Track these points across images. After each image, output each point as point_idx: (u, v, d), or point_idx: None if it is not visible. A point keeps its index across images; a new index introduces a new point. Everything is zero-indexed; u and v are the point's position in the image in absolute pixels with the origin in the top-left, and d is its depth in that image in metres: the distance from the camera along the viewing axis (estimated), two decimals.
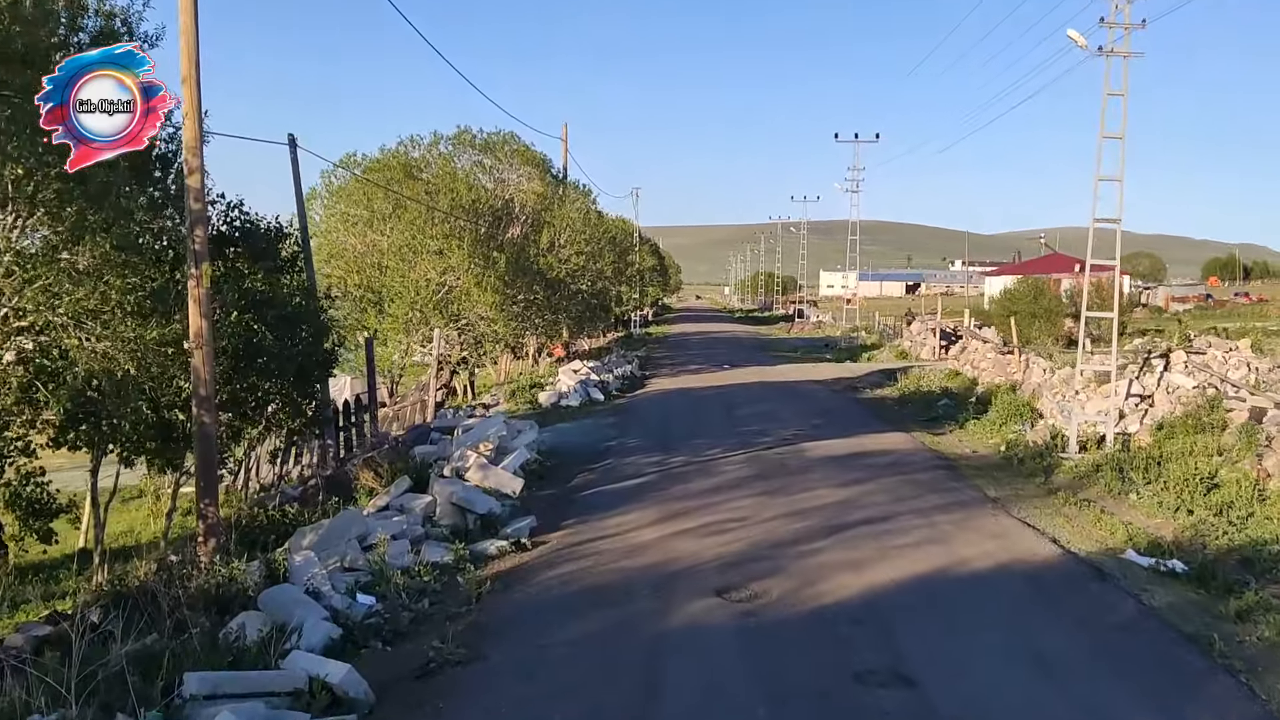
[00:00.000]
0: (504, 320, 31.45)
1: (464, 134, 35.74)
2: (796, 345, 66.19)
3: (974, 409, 27.23)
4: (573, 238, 35.23)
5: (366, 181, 31.65)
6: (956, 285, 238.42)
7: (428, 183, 33.34)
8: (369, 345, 23.14)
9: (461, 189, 32.79)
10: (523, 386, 31.83)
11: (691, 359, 49.41)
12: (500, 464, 17.16)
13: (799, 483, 17.56)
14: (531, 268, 33.71)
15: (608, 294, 40.42)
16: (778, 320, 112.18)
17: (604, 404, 30.21)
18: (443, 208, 31.77)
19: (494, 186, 36.60)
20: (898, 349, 48.92)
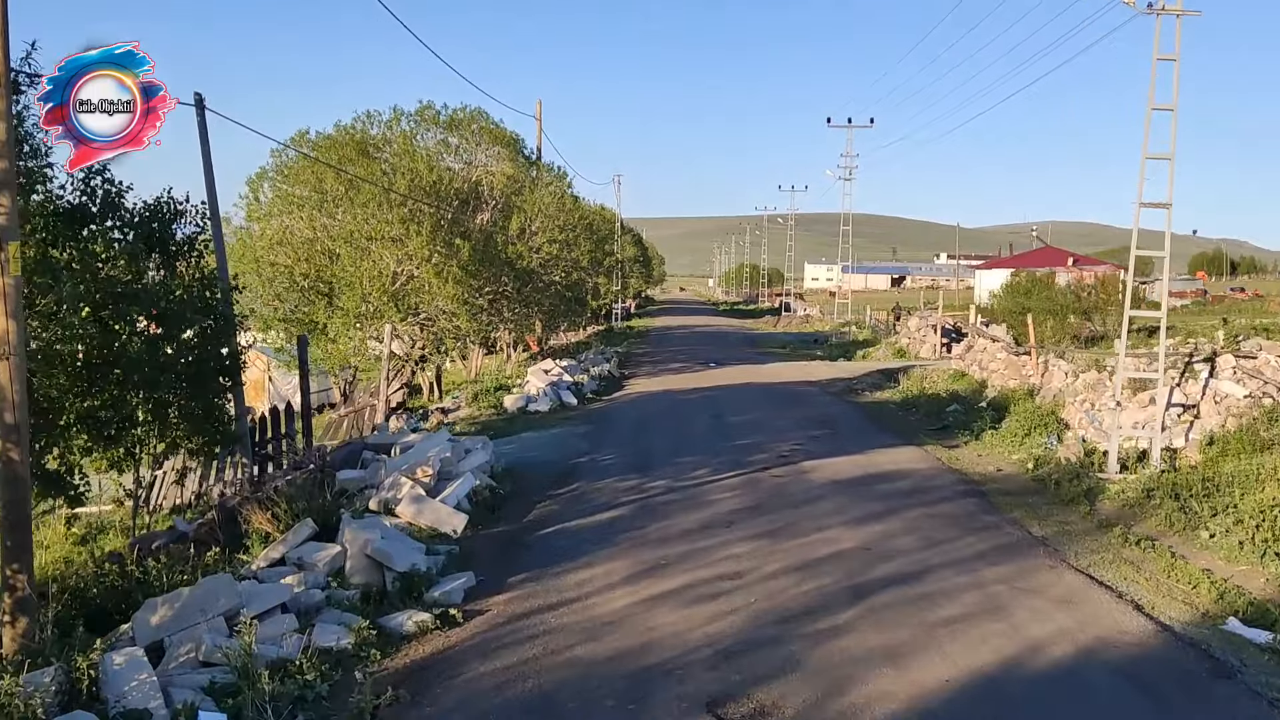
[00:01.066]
0: (467, 314, 28.28)
1: (427, 109, 32.54)
2: (785, 340, 63.17)
3: (989, 417, 24.33)
4: (545, 224, 32.05)
5: (315, 160, 28.41)
6: (943, 279, 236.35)
7: (386, 162, 30.11)
8: (301, 345, 19.92)
9: (422, 169, 29.57)
10: (487, 389, 28.67)
11: (675, 356, 46.31)
12: (441, 494, 14.04)
13: (806, 518, 14.44)
14: (499, 257, 30.53)
15: (584, 285, 37.18)
16: (764, 313, 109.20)
17: (577, 409, 27.09)
18: (400, 189, 28.55)
19: (461, 168, 33.42)
20: (895, 346, 45.92)
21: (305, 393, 19.79)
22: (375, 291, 27.31)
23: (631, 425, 24.17)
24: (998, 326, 35.22)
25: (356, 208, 28.10)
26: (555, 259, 32.56)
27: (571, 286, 34.62)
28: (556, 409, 26.83)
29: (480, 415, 26.17)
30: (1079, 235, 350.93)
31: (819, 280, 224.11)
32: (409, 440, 16.35)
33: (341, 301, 27.47)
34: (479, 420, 25.67)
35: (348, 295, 27.27)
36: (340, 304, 27.52)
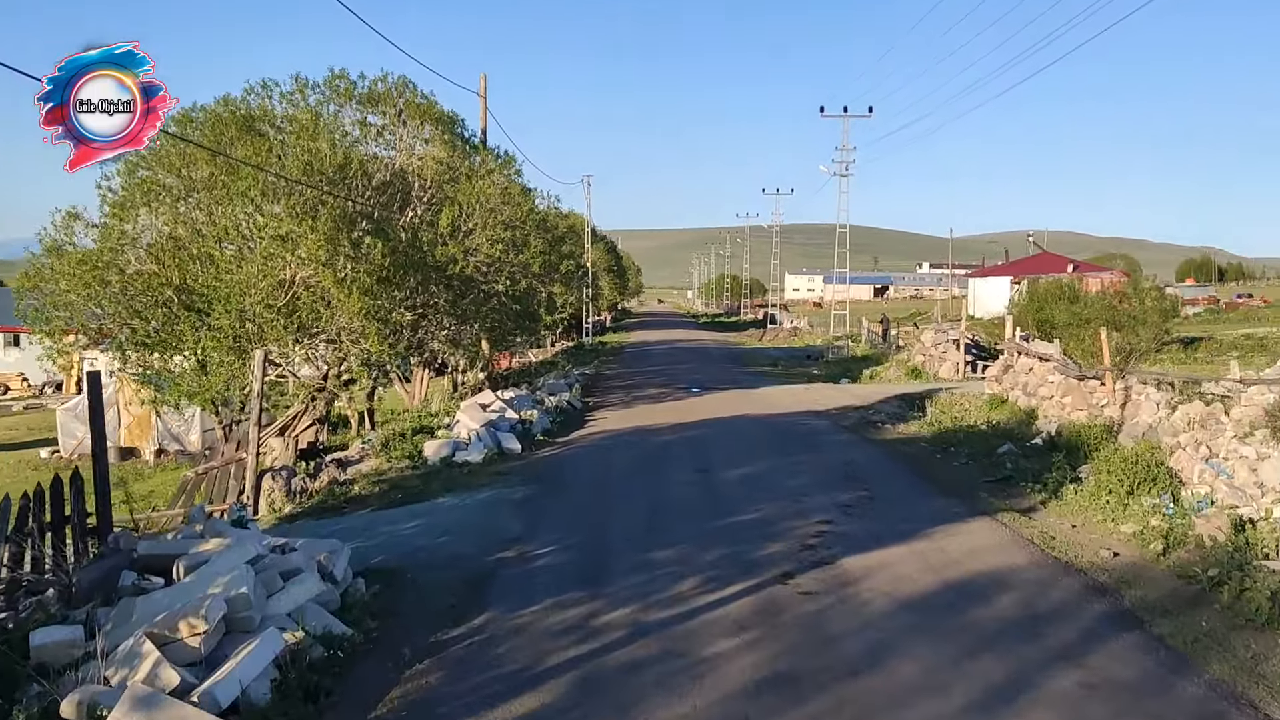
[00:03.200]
0: (378, 334, 21.73)
1: (338, 79, 25.93)
2: (775, 357, 56.91)
3: (1060, 462, 18.39)
4: (486, 220, 25.55)
5: (175, 138, 21.83)
6: (926, 288, 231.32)
7: (276, 142, 23.57)
8: (93, 383, 13.19)
9: (324, 148, 23.02)
10: (403, 432, 22.09)
11: (652, 378, 39.84)
12: (213, 677, 7.54)
13: (882, 711, 7.96)
14: (425, 261, 23.98)
15: (535, 296, 30.56)
16: (747, 326, 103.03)
17: (520, 458, 20.62)
18: (291, 173, 22.01)
19: (386, 155, 26.89)
20: (907, 365, 39.58)
21: (99, 453, 13.20)
22: (257, 306, 20.79)
23: (588, 487, 17.64)
24: (1044, 342, 28.90)
25: (234, 197, 21.57)
26: (498, 263, 26.03)
27: (519, 298, 28.01)
28: (493, 458, 20.34)
29: (389, 470, 19.64)
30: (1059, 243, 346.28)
31: (800, 291, 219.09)
32: (201, 552, 9.73)
33: (215, 319, 20.89)
34: (386, 477, 19.15)
35: (221, 310, 20.73)
36: (213, 322, 20.94)
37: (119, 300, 21.84)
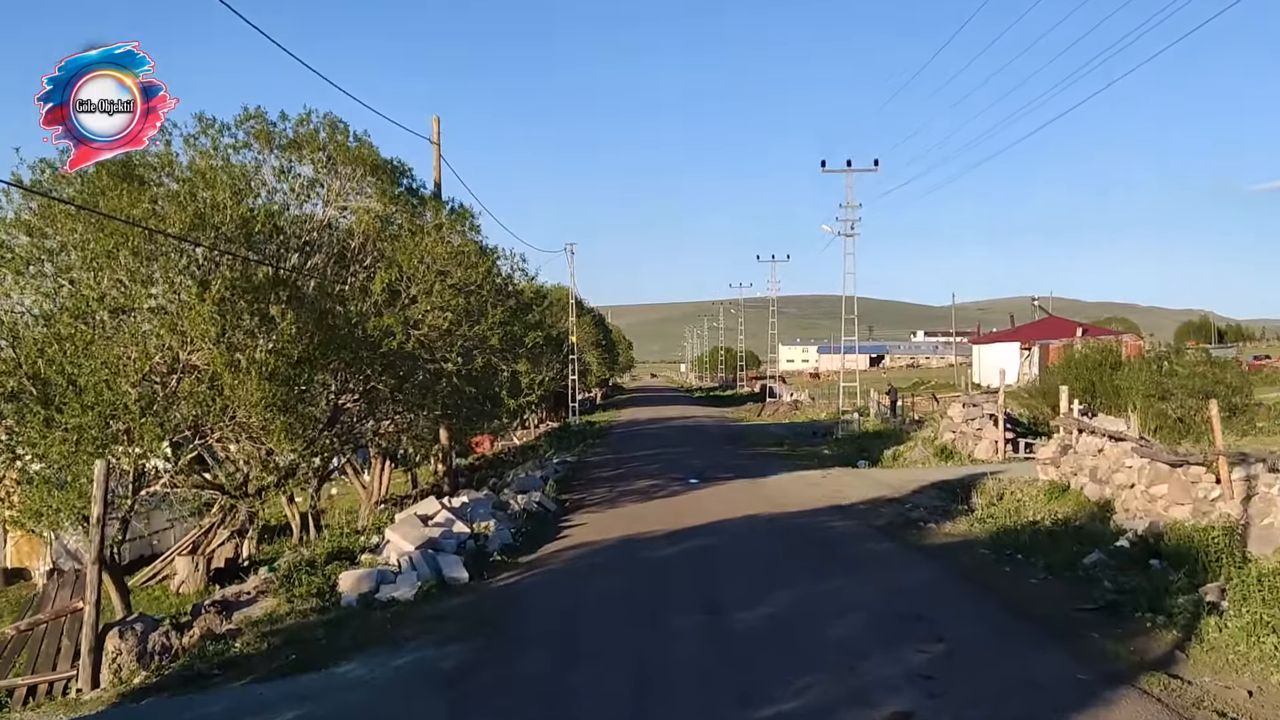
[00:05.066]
0: (286, 431, 16.82)
1: (250, 117, 21.26)
2: (779, 434, 52.01)
3: (1177, 581, 14.05)
4: (432, 284, 20.74)
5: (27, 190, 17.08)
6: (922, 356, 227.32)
7: (167, 191, 18.84)
8: None
9: (223, 198, 18.27)
10: (311, 560, 17.02)
11: (643, 466, 34.81)
12: None
13: None
14: (353, 335, 19.12)
15: (495, 376, 25.56)
16: (744, 400, 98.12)
17: (465, 593, 15.54)
18: (174, 228, 17.25)
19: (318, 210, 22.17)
20: (934, 443, 34.64)
21: None
22: (125, 398, 15.87)
23: (550, 644, 12.50)
24: (1110, 417, 24.01)
25: (93, 260, 16.77)
26: (448, 336, 21.16)
27: (475, 378, 23.04)
28: (430, 592, 15.28)
29: (289, 615, 14.56)
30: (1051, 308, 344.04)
31: (795, 362, 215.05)
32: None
33: (68, 415, 15.93)
34: (282, 626, 14.09)
35: (76, 405, 15.80)
36: (68, 419, 15.97)
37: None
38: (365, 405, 22.19)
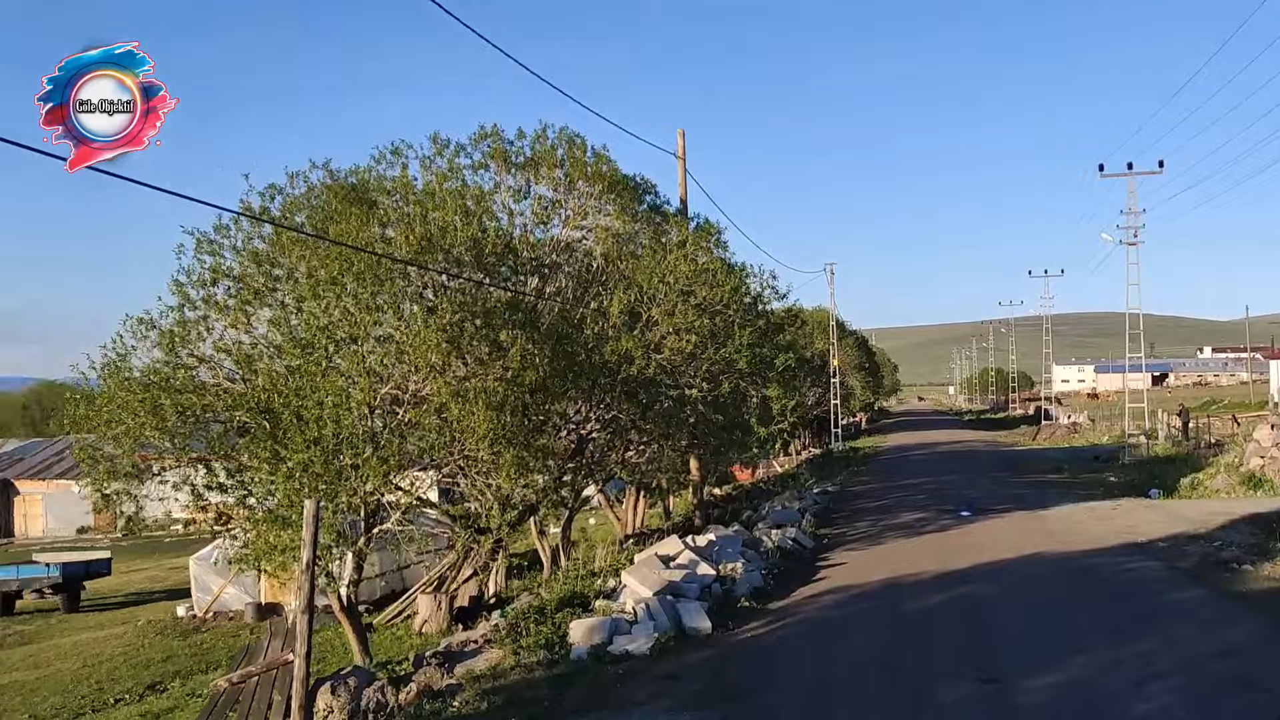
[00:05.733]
0: (515, 464, 15.63)
1: (486, 135, 20.45)
2: (1057, 460, 48.15)
3: None
4: (674, 305, 19.28)
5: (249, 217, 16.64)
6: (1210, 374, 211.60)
7: (398, 213, 18.12)
8: None
9: (452, 219, 17.38)
10: (540, 606, 15.68)
11: (908, 496, 32.32)
12: None
13: None
14: (589, 361, 17.86)
15: (743, 402, 23.69)
16: (1017, 423, 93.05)
17: (706, 647, 13.81)
18: (400, 252, 16.44)
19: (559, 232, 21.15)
20: (1239, 470, 30.73)
21: None
22: (347, 432, 15.02)
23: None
24: None
25: (319, 287, 16.08)
26: (690, 359, 19.65)
27: (722, 405, 21.33)
28: (668, 645, 13.65)
29: (514, 669, 13.21)
30: None
31: (1070, 382, 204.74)
32: None
33: (293, 452, 15.20)
34: (505, 683, 12.73)
35: (299, 441, 15.06)
36: (292, 456, 15.25)
37: (185, 429, 16.60)
38: (609, 435, 20.95)
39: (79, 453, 17.51)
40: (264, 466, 15.98)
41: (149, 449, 17.12)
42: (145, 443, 16.85)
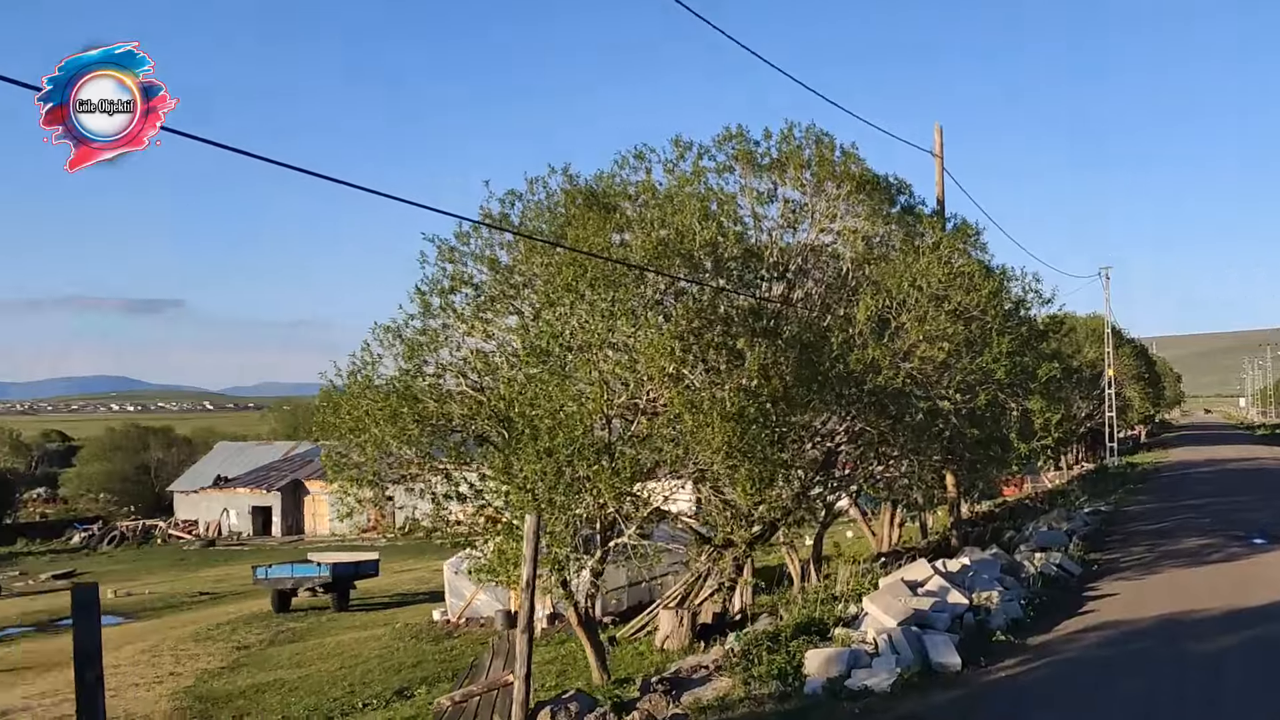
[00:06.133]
0: (750, 479, 14.87)
1: (731, 137, 19.79)
2: None
3: None
4: (925, 311, 18.07)
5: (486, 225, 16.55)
6: None
7: (638, 217, 17.70)
8: None
9: (688, 222, 16.82)
10: (774, 632, 14.78)
11: (1192, 519, 29.62)
12: None
13: None
14: (832, 372, 16.90)
15: (1002, 415, 21.97)
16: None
17: (954, 686, 12.57)
18: (635, 256, 16.00)
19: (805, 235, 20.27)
20: None
21: None
22: (579, 443, 14.63)
23: None
24: None
25: (555, 294, 15.80)
26: (942, 369, 18.36)
27: (978, 418, 19.80)
28: (911, 680, 12.52)
29: (743, 700, 12.42)
30: None
31: None
32: None
33: (524, 463, 14.94)
34: (733, 716, 11.96)
35: (529, 449, 14.79)
36: (525, 467, 14.99)
37: (424, 437, 16.65)
38: (858, 449, 19.91)
39: (325, 459, 17.89)
40: (500, 476, 15.83)
41: (392, 457, 17.30)
42: (388, 451, 17.03)
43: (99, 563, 64.33)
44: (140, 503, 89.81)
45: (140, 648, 28.08)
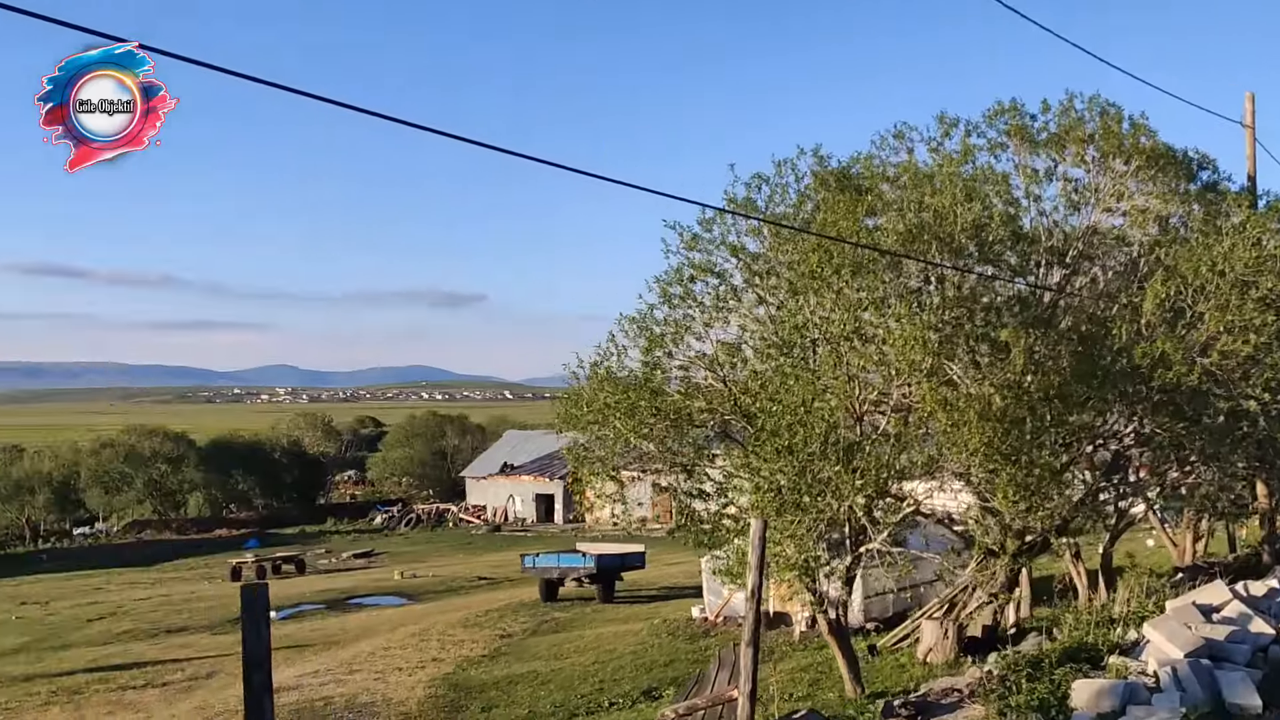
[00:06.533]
0: (1013, 486, 13.40)
1: (1003, 111, 18.15)
2: None
3: None
4: (1226, 299, 15.91)
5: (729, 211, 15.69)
6: None
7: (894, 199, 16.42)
8: None
9: (948, 203, 15.42)
10: (1037, 658, 13.19)
11: None
12: None
13: None
14: (1114, 367, 15.13)
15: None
16: None
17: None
18: (886, 241, 14.78)
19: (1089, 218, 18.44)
20: None
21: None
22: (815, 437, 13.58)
23: None
24: None
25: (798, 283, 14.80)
26: (1248, 364, 16.12)
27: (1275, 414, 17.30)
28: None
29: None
30: None
31: None
32: None
33: (764, 462, 14.01)
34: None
35: (769, 445, 13.86)
36: (763, 466, 14.07)
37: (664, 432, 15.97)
38: (1149, 452, 17.93)
39: (568, 452, 17.54)
40: (740, 474, 15.00)
41: (634, 451, 16.75)
42: (629, 446, 16.48)
43: (395, 543, 67.51)
44: (437, 487, 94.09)
45: (412, 630, 28.81)
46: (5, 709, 22.49)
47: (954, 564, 17.50)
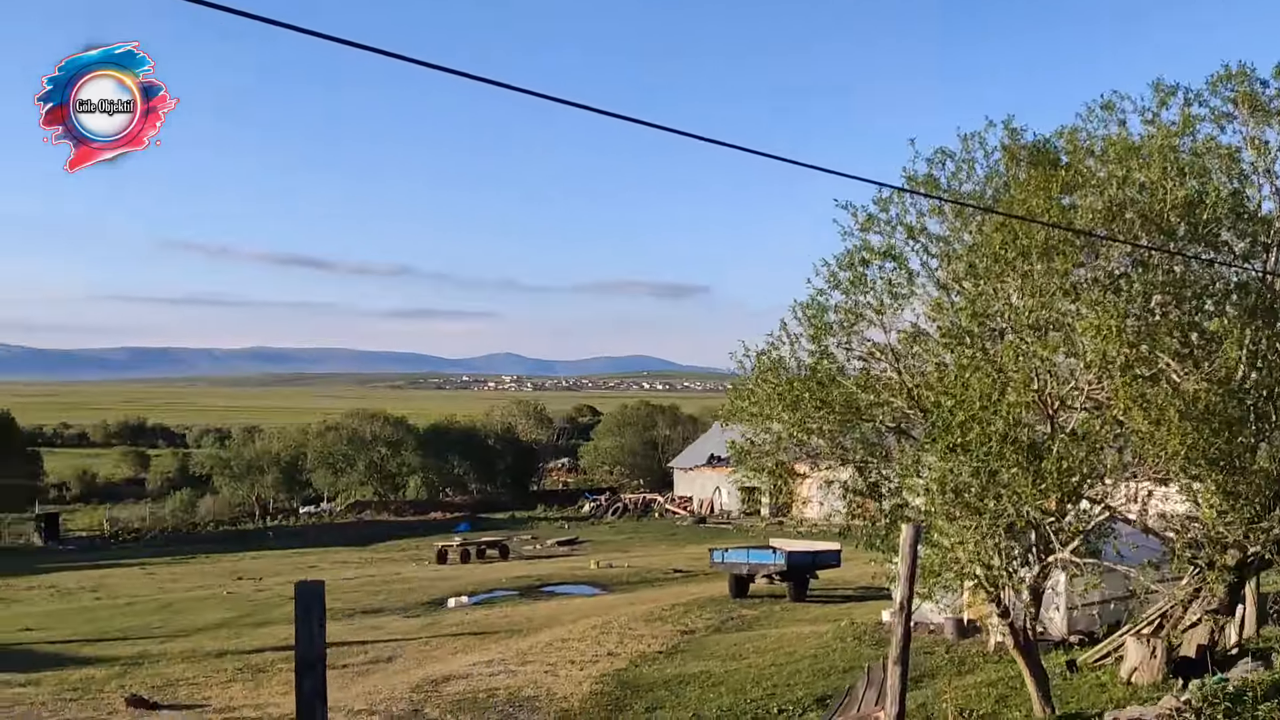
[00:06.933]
0: (1220, 492, 11.88)
1: (1229, 77, 16.32)
2: None
3: None
4: None
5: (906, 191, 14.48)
6: None
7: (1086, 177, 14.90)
8: None
9: (1156, 178, 13.89)
10: (1250, 686, 11.59)
11: None
12: None
13: None
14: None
15: None
16: None
17: None
18: (1081, 221, 13.37)
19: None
20: None
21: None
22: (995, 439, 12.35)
23: None
24: None
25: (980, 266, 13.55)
26: None
27: None
28: None
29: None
30: None
31: None
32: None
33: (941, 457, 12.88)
34: None
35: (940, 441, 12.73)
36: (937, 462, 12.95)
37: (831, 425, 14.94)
38: None
39: (731, 445, 16.71)
40: (910, 472, 13.86)
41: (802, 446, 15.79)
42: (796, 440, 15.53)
43: (600, 532, 67.82)
44: (647, 476, 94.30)
45: (594, 622, 28.42)
46: (191, 683, 23.17)
47: (1151, 578, 15.84)
